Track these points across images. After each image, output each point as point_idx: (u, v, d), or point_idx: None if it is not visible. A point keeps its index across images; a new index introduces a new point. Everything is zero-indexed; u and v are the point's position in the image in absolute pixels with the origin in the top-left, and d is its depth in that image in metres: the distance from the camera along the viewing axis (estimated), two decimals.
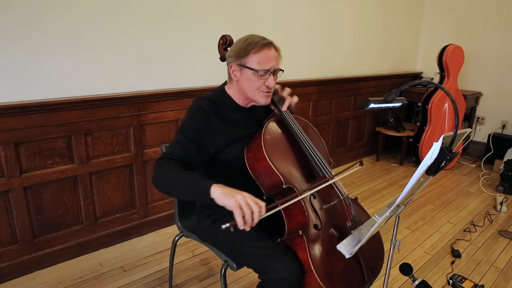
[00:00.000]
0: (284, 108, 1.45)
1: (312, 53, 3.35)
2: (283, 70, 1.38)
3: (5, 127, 1.82)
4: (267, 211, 1.09)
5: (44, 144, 1.97)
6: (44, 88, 1.93)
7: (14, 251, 1.99)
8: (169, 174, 1.20)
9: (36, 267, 2.07)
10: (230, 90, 1.43)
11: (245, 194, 1.07)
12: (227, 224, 1.05)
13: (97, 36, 2.05)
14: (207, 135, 1.34)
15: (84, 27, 1.99)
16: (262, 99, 1.37)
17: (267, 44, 1.32)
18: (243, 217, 1.04)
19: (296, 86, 3.14)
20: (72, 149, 2.07)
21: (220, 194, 1.09)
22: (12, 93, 1.84)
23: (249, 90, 1.36)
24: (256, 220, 1.05)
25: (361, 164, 1.41)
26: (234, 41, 1.41)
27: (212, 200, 1.10)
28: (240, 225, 1.04)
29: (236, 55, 1.33)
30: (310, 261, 1.22)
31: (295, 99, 1.51)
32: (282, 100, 1.49)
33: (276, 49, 1.36)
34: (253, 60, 1.30)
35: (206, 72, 2.55)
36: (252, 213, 1.05)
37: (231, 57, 1.35)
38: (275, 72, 1.35)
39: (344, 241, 1.10)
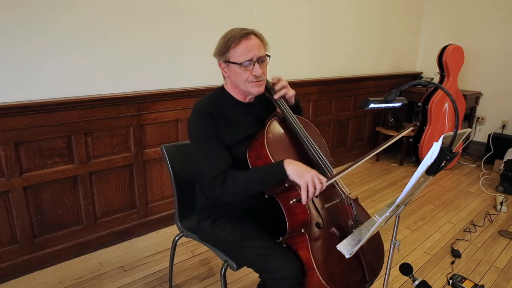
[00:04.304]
0: (276, 95, 1.44)
1: (312, 53, 3.35)
2: (269, 56, 1.37)
3: (5, 127, 1.82)
4: (328, 181, 1.24)
5: (44, 144, 1.97)
6: (44, 88, 1.93)
7: (14, 251, 1.99)
8: (240, 182, 1.28)
9: (36, 267, 2.07)
10: (228, 87, 1.44)
11: (314, 173, 1.21)
12: (294, 200, 1.25)
13: (97, 36, 2.05)
14: (219, 129, 1.35)
15: (84, 27, 1.99)
16: (254, 89, 1.36)
17: (245, 34, 1.30)
18: (307, 193, 1.19)
19: (296, 86, 3.12)
20: (72, 149, 2.07)
21: (294, 173, 1.21)
22: (12, 93, 1.84)
23: (239, 84, 1.36)
24: (317, 194, 1.21)
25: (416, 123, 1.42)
26: None
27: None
28: (304, 201, 1.20)
29: (220, 53, 1.34)
30: (313, 259, 1.22)
31: (291, 91, 1.48)
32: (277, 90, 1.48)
33: (258, 36, 1.34)
34: (234, 54, 1.31)
35: (206, 72, 2.55)
36: (315, 189, 1.19)
37: (216, 55, 1.37)
38: (259, 60, 1.33)
39: (344, 241, 1.10)
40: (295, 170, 1.21)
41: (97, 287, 1.95)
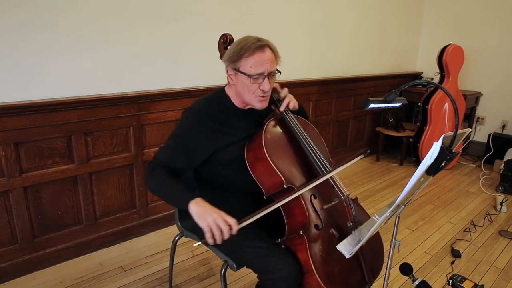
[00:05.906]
0: (282, 108, 1.44)
1: (312, 53, 3.35)
2: (280, 72, 1.35)
3: (5, 127, 1.82)
4: (240, 223, 1.17)
5: (44, 144, 1.97)
6: (44, 88, 1.93)
7: (14, 251, 1.99)
8: (158, 182, 1.30)
9: (36, 267, 2.07)
10: (229, 92, 1.42)
11: (217, 216, 1.15)
12: (199, 242, 1.21)
13: (97, 36, 2.05)
14: (200, 138, 1.35)
15: (84, 27, 1.99)
16: (258, 104, 1.35)
17: (260, 46, 1.27)
18: (213, 236, 1.15)
19: (296, 86, 3.14)
20: (72, 149, 2.07)
21: (195, 214, 1.19)
22: (12, 93, 1.84)
23: (245, 94, 1.34)
24: (226, 237, 1.15)
25: (365, 153, 1.40)
26: (234, 40, 1.41)
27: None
28: (210, 243, 1.16)
29: (230, 60, 1.30)
30: (311, 261, 1.21)
31: (292, 101, 1.48)
32: (281, 99, 1.47)
33: (272, 49, 1.31)
34: (246, 65, 1.27)
35: (206, 72, 2.55)
36: (222, 232, 1.14)
37: (226, 61, 1.33)
38: (270, 74, 1.30)
39: (344, 241, 1.10)
40: (196, 212, 1.18)
41: (97, 287, 1.96)
